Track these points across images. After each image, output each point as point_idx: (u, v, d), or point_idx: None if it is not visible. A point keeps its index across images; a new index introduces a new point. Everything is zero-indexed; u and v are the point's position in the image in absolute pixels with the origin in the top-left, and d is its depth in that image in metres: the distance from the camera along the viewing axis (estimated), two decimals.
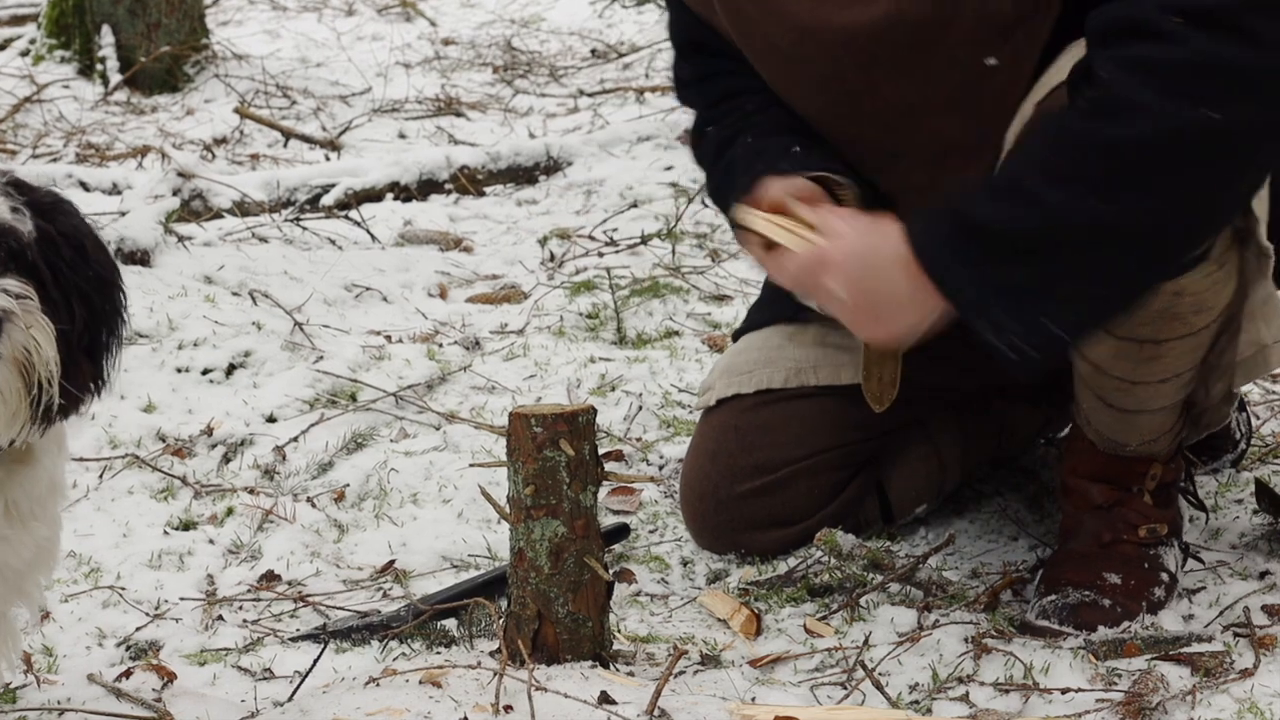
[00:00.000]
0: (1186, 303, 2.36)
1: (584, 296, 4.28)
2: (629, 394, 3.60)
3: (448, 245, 4.95)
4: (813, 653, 2.48)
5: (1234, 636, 2.44)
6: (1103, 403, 2.55)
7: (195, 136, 6.77)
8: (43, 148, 6.55)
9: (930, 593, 2.63)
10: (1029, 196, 2.19)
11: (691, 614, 2.64)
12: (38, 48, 7.96)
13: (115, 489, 3.20)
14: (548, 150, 5.84)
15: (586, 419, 2.30)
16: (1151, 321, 2.39)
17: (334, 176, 5.49)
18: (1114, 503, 2.62)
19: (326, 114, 7.20)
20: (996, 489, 3.06)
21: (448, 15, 10.13)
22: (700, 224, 5.00)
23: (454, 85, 7.86)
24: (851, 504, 2.85)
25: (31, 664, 2.48)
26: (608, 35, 9.06)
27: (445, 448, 3.35)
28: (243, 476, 3.27)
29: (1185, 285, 2.34)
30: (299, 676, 2.42)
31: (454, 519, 3.03)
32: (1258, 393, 3.44)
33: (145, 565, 2.88)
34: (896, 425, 2.80)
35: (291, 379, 3.67)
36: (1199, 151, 2.14)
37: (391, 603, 2.71)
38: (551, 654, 2.31)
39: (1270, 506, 2.83)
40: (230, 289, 4.21)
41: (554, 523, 2.29)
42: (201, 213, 5.07)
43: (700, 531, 2.86)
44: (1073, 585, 2.53)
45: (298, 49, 9.01)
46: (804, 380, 2.82)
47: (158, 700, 2.38)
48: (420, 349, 3.91)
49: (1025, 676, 2.36)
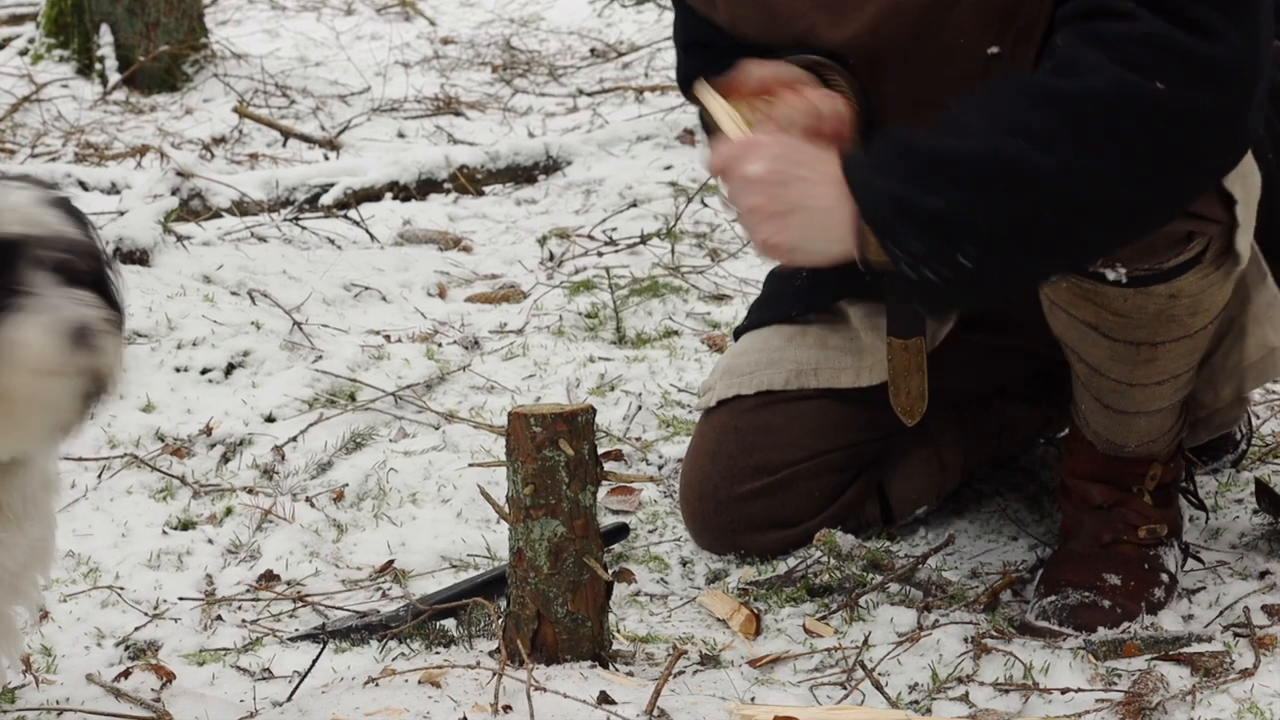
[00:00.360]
0: (1183, 305, 2.36)
1: (583, 296, 4.28)
2: (628, 394, 3.60)
3: (447, 245, 4.95)
4: (812, 653, 2.48)
5: (1234, 636, 2.44)
6: (1100, 404, 2.55)
7: (194, 136, 6.76)
8: (41, 147, 6.55)
9: (930, 593, 2.63)
10: (965, 130, 2.17)
11: (691, 614, 2.64)
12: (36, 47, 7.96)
13: (114, 489, 3.19)
14: (547, 150, 5.84)
15: (586, 419, 2.30)
16: (1148, 324, 2.39)
17: (333, 176, 5.49)
18: (1114, 503, 2.62)
19: (325, 113, 7.20)
20: (996, 489, 3.06)
21: (447, 14, 10.13)
22: (700, 224, 5.00)
23: (453, 84, 7.86)
24: (852, 506, 2.85)
25: (30, 664, 2.47)
26: (607, 35, 9.06)
27: (444, 447, 3.35)
28: (242, 476, 3.27)
29: (1180, 287, 2.34)
30: (298, 676, 2.42)
31: (453, 519, 3.03)
32: (1258, 392, 3.44)
33: (144, 565, 2.88)
34: (897, 427, 2.80)
35: (290, 379, 3.67)
36: (1139, 117, 2.12)
37: (390, 602, 2.71)
38: (551, 654, 2.31)
39: (1270, 506, 2.83)
40: (229, 288, 4.20)
41: (553, 522, 2.29)
42: (200, 212, 5.07)
43: (700, 532, 2.86)
44: (1072, 586, 2.53)
45: (296, 48, 9.00)
46: (805, 382, 2.81)
47: (156, 700, 2.38)
48: (419, 349, 3.91)
49: (1025, 677, 2.36)
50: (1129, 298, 2.35)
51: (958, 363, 2.73)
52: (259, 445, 3.38)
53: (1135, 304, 2.35)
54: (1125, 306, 2.36)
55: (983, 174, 2.15)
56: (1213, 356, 2.51)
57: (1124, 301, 2.36)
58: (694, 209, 5.10)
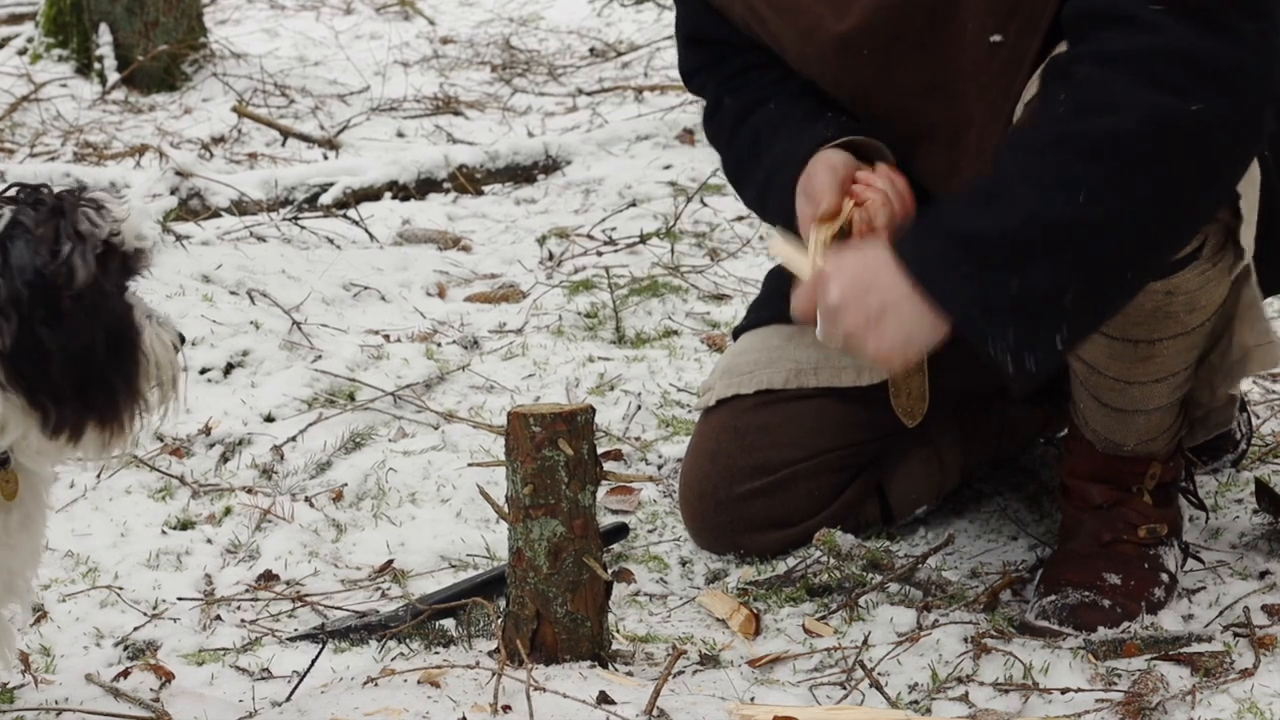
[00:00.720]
0: (1179, 301, 2.36)
1: (582, 296, 4.27)
2: (628, 393, 3.60)
3: (446, 244, 4.94)
4: (812, 653, 2.48)
5: (1234, 636, 2.44)
6: (1098, 403, 2.55)
7: (193, 135, 6.75)
8: (40, 147, 6.54)
9: (930, 593, 2.63)
10: (1014, 202, 2.17)
11: (690, 614, 2.63)
12: (35, 46, 7.95)
13: (113, 488, 3.19)
14: (546, 149, 5.83)
15: (585, 418, 2.30)
16: (1145, 321, 2.38)
17: (332, 175, 5.48)
18: (1113, 503, 2.62)
19: (325, 113, 7.19)
20: (996, 489, 3.06)
21: (446, 14, 10.12)
22: (699, 223, 4.99)
23: (452, 84, 7.85)
24: (851, 505, 2.84)
25: (29, 664, 2.47)
26: (606, 34, 9.05)
27: (444, 447, 3.35)
28: (241, 476, 3.26)
29: (1178, 284, 2.34)
30: (297, 676, 2.41)
31: (452, 518, 3.03)
32: (1258, 392, 3.44)
33: (143, 565, 2.88)
34: (897, 427, 2.79)
35: (289, 378, 3.67)
36: (1174, 141, 2.13)
37: (390, 602, 2.71)
38: (550, 654, 2.31)
39: (1270, 506, 2.83)
40: (228, 288, 4.20)
41: (552, 522, 2.29)
42: (199, 212, 5.06)
43: (699, 532, 2.85)
44: (1072, 585, 2.53)
45: (296, 48, 8.99)
46: (804, 381, 2.81)
47: (156, 700, 2.37)
48: (418, 348, 3.91)
49: (1025, 676, 2.36)
50: None
51: (958, 362, 2.72)
52: (258, 445, 3.38)
53: (1132, 301, 2.35)
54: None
55: (1045, 245, 2.16)
56: (1209, 355, 2.51)
57: None
58: (693, 208, 5.09)
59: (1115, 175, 2.14)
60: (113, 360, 1.98)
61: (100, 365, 1.97)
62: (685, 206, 5.07)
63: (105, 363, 1.97)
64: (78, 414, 1.97)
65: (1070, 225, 2.15)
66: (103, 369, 1.97)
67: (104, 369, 1.97)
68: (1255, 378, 3.43)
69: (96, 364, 1.96)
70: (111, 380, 1.98)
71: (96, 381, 1.97)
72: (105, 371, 1.97)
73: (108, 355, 1.97)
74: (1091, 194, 2.14)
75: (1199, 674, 2.34)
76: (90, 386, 1.96)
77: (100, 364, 1.97)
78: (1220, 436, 3.02)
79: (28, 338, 1.91)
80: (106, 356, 1.97)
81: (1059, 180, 2.16)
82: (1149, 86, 2.11)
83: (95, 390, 1.97)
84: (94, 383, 1.97)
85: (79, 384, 1.95)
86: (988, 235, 2.18)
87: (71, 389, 1.95)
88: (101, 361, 1.97)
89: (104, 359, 1.97)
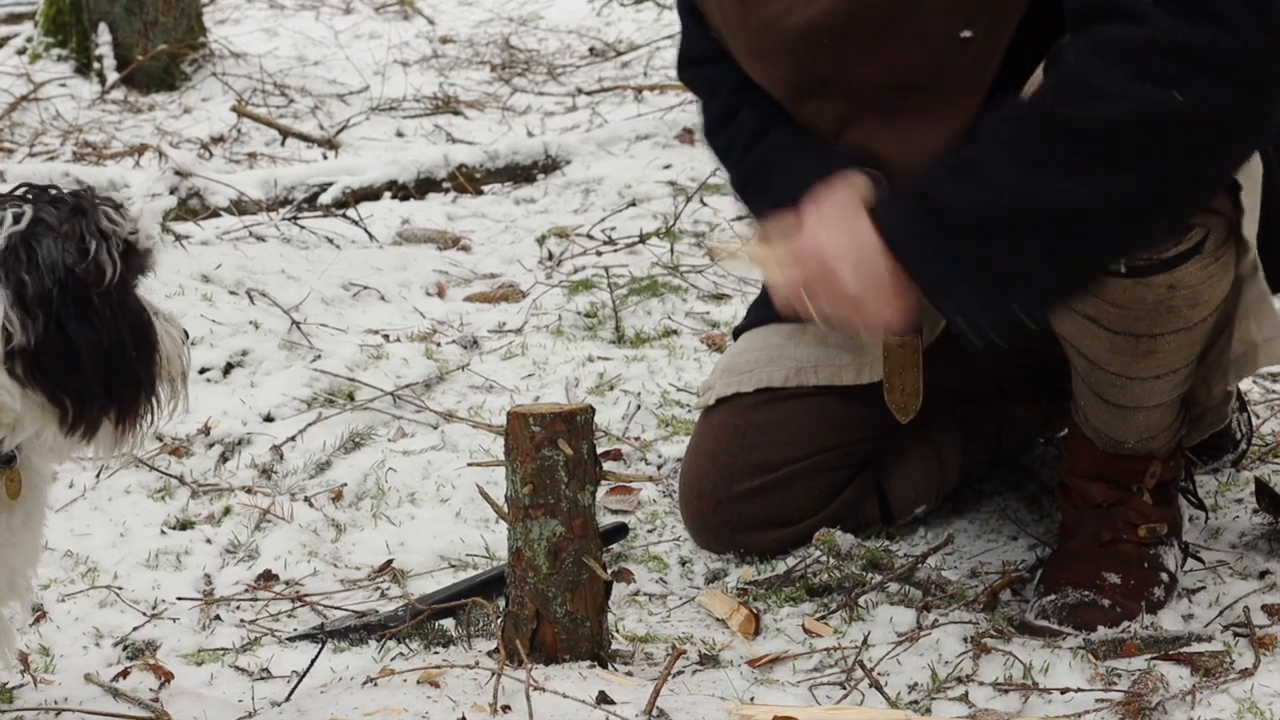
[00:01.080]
0: (1182, 296, 2.36)
1: (582, 295, 4.27)
2: (627, 393, 3.60)
3: (446, 244, 4.94)
4: (811, 652, 2.48)
5: (1234, 636, 2.44)
6: (1099, 399, 2.54)
7: (192, 135, 6.75)
8: (39, 146, 6.54)
9: (929, 592, 2.63)
10: (996, 179, 2.18)
11: (690, 614, 2.63)
12: (34, 46, 7.95)
13: (112, 488, 3.19)
14: (546, 149, 5.83)
15: (585, 418, 2.29)
16: (1147, 316, 2.38)
17: (331, 175, 5.48)
18: (1113, 502, 2.61)
19: (324, 112, 7.19)
20: (996, 489, 3.06)
21: (445, 13, 10.12)
22: (699, 223, 4.99)
23: (452, 84, 7.85)
24: (851, 504, 2.84)
25: (28, 663, 2.47)
26: (606, 34, 9.05)
27: (443, 447, 3.35)
28: (240, 476, 3.26)
29: (1180, 278, 2.33)
30: (296, 676, 2.41)
31: (452, 518, 3.03)
32: (1258, 392, 3.44)
33: (142, 565, 2.88)
34: (896, 426, 2.79)
35: (289, 378, 3.67)
36: (1164, 135, 2.12)
37: (389, 602, 2.70)
38: (550, 654, 2.31)
39: (1270, 506, 2.83)
40: (227, 288, 4.20)
41: (552, 522, 2.29)
42: (199, 211, 5.06)
43: (699, 531, 2.85)
44: (1072, 585, 2.53)
45: (295, 47, 8.99)
46: (804, 380, 2.81)
47: (155, 700, 2.37)
48: (418, 348, 3.91)
49: (1024, 676, 2.35)
50: (1128, 289, 2.34)
51: (957, 361, 2.72)
52: (257, 445, 3.38)
53: (1134, 295, 2.35)
54: (1124, 298, 2.36)
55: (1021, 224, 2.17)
56: (1209, 352, 2.50)
57: (1123, 293, 2.35)
58: (693, 208, 5.09)
59: (1095, 161, 2.13)
60: (138, 356, 1.99)
61: (128, 361, 1.98)
62: (685, 206, 5.07)
63: (132, 358, 1.98)
64: (100, 410, 1.98)
65: (1043, 205, 2.15)
66: (130, 364, 1.98)
67: (131, 364, 1.98)
68: (1255, 377, 3.43)
69: (125, 359, 1.97)
70: (138, 375, 1.99)
71: (123, 376, 1.98)
72: (133, 366, 1.99)
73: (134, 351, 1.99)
74: (1068, 177, 2.14)
75: (1199, 674, 2.34)
76: (117, 381, 1.98)
77: (128, 359, 1.98)
78: (1220, 436, 3.02)
79: (55, 334, 1.91)
80: (133, 352, 1.98)
81: (1036, 161, 2.16)
82: (1135, 77, 2.11)
83: (121, 385, 1.98)
84: (120, 377, 1.98)
85: (106, 379, 1.96)
86: (957, 205, 2.20)
87: (99, 384, 1.96)
88: (129, 357, 1.98)
89: (132, 355, 1.98)
